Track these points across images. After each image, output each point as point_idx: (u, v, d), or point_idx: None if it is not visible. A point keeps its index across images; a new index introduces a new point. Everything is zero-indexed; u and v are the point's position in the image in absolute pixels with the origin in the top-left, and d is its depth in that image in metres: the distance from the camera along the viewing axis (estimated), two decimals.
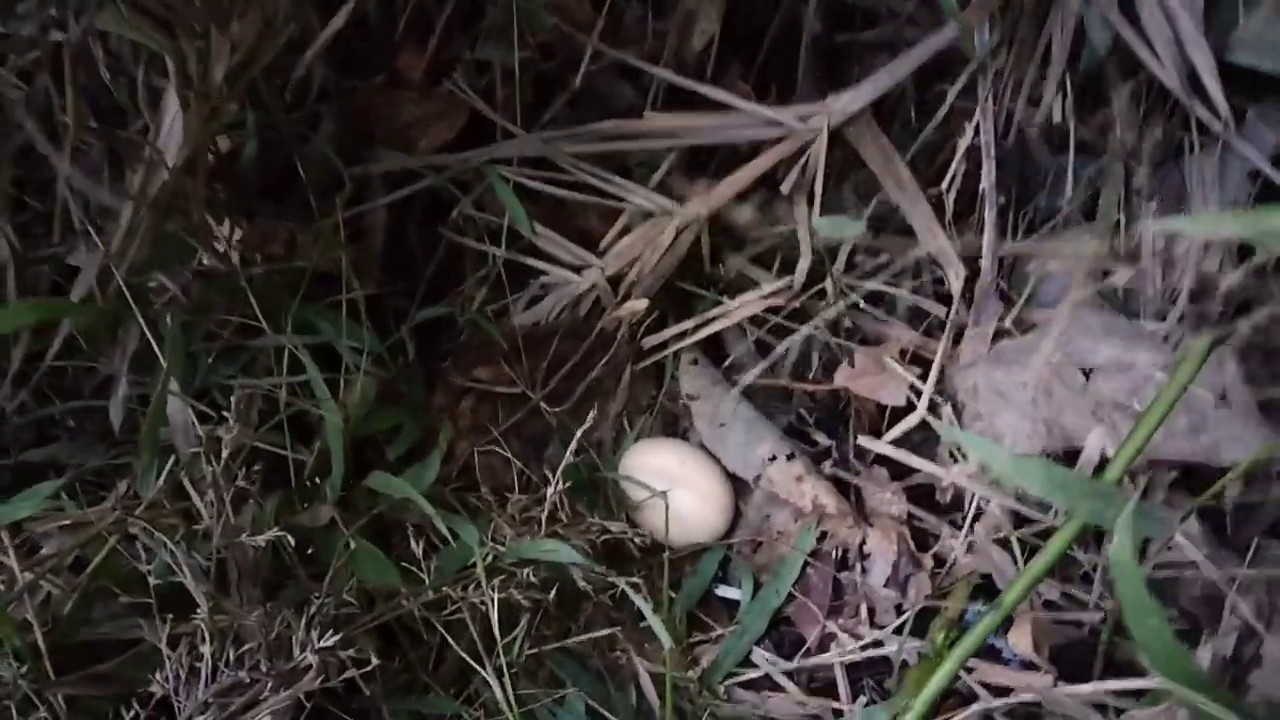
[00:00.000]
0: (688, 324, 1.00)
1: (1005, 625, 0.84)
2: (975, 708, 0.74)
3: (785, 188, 0.92)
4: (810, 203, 0.91)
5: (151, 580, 0.62)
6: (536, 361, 0.98)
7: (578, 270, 1.01)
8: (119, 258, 0.75)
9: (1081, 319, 0.89)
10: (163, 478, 0.65)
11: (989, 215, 0.91)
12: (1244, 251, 0.97)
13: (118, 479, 0.75)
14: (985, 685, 0.80)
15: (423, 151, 1.06)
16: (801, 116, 0.91)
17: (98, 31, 0.69)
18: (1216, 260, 0.96)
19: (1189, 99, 0.79)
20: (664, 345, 1.02)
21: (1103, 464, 0.85)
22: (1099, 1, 0.79)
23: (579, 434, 0.85)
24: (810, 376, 1.03)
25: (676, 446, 0.96)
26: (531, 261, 1.01)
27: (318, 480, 0.86)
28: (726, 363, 1.02)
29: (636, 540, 0.87)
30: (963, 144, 0.91)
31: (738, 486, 0.94)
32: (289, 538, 0.67)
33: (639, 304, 0.98)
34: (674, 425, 1.01)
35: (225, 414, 0.70)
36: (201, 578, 0.61)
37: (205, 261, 0.94)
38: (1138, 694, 0.72)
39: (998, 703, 0.75)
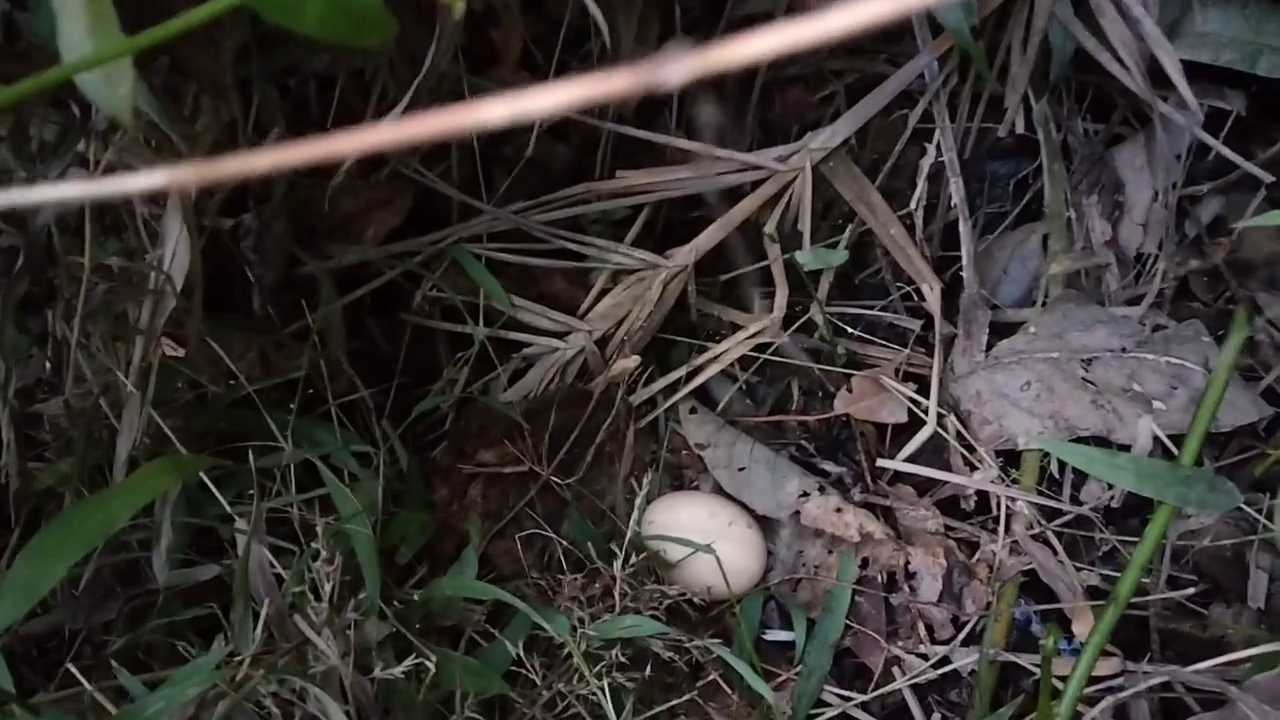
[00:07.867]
0: (678, 374, 0.99)
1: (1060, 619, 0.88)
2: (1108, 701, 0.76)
3: (769, 228, 0.93)
4: (798, 240, 0.93)
5: None
6: (539, 436, 0.95)
7: (562, 336, 0.99)
8: (141, 397, 0.69)
9: (1068, 313, 0.93)
10: (259, 627, 0.60)
11: (964, 229, 0.94)
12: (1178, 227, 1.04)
13: (175, 640, 0.68)
14: (1061, 679, 0.82)
15: (371, 240, 1.02)
16: (780, 158, 0.92)
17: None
18: (1156, 240, 1.03)
19: (1151, 96, 0.84)
20: (653, 399, 1.01)
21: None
22: (1060, 15, 0.83)
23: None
24: (793, 408, 1.04)
25: (696, 498, 0.95)
26: (514, 335, 0.99)
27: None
28: (719, 407, 1.03)
29: (696, 600, 0.85)
30: (925, 164, 0.94)
31: (763, 526, 0.94)
32: (429, 662, 0.62)
33: (630, 361, 0.97)
34: (679, 476, 1.01)
35: (314, 545, 0.65)
36: None
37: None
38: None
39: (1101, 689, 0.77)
